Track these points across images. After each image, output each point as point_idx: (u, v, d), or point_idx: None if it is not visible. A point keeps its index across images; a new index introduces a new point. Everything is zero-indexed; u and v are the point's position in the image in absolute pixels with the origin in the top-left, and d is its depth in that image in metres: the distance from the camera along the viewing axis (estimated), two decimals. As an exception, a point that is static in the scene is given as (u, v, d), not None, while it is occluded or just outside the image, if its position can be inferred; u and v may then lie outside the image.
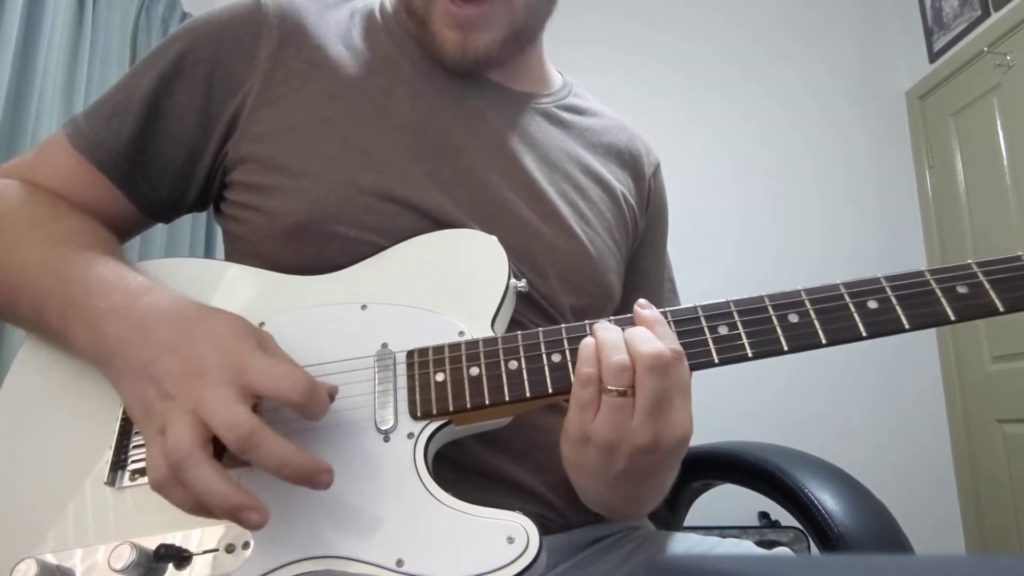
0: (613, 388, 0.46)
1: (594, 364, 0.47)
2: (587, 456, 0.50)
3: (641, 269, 0.79)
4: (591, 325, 0.51)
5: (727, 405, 2.25)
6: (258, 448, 0.42)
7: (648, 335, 0.48)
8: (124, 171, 0.64)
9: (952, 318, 0.48)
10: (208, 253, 2.11)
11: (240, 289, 0.60)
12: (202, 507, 0.43)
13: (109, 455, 0.53)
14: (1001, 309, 0.48)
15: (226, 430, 0.42)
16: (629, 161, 0.79)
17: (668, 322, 0.50)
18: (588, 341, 0.49)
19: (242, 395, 0.44)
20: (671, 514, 0.90)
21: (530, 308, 0.64)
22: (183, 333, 0.48)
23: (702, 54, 2.78)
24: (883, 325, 0.49)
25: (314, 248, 0.60)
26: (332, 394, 0.49)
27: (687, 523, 0.95)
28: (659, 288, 0.81)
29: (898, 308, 0.49)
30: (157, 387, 0.46)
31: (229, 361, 0.46)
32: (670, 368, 0.46)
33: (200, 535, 0.48)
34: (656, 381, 0.46)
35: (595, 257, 0.68)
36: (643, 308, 0.51)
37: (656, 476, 0.52)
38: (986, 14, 2.37)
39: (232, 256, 0.66)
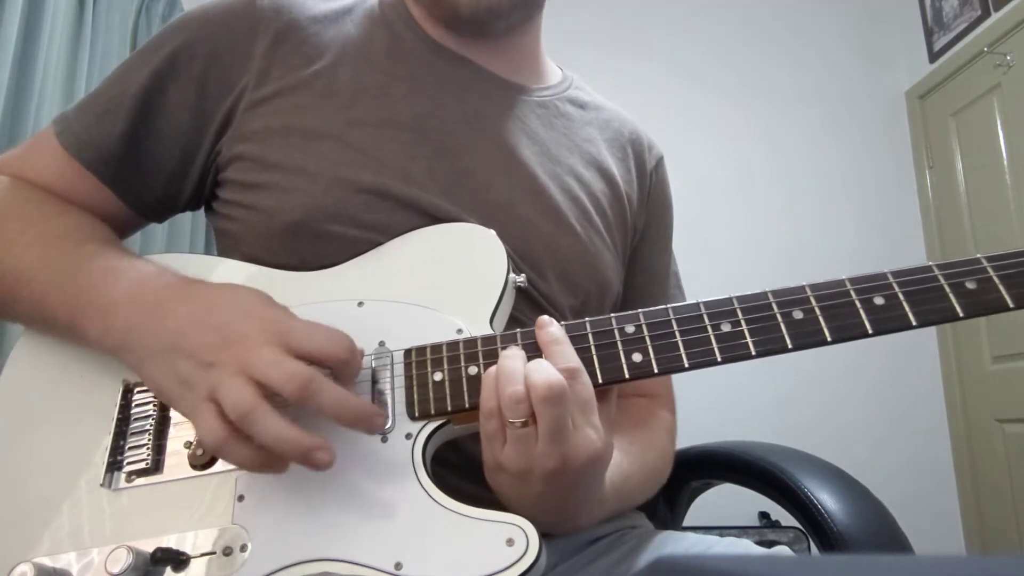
0: (514, 420, 0.45)
1: (494, 398, 0.46)
2: (503, 482, 0.49)
3: (645, 265, 0.78)
4: (591, 323, 0.51)
5: (727, 405, 2.24)
6: (320, 394, 0.44)
7: (541, 364, 0.46)
8: (115, 171, 0.63)
9: (961, 315, 0.46)
10: (208, 251, 2.10)
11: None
12: (264, 459, 0.45)
13: (105, 456, 0.52)
14: (1011, 305, 0.46)
15: (286, 381, 0.44)
16: (632, 155, 0.78)
17: (565, 339, 0.49)
18: (489, 373, 0.48)
19: (288, 353, 0.45)
20: (670, 513, 0.89)
21: (528, 306, 0.63)
22: (208, 307, 0.49)
23: (702, 55, 2.78)
24: (890, 322, 0.47)
25: (311, 247, 0.59)
26: (362, 354, 0.50)
27: (687, 523, 0.95)
28: (664, 284, 0.80)
29: (905, 305, 0.47)
30: (193, 360, 0.47)
31: (265, 325, 0.47)
32: (564, 395, 0.45)
33: (197, 538, 0.48)
34: (551, 410, 0.45)
35: (594, 254, 0.68)
36: (541, 328, 0.50)
37: (575, 493, 0.51)
38: (986, 14, 2.37)
39: (225, 255, 0.65)
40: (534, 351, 0.49)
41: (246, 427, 0.43)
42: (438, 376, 0.51)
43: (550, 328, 0.50)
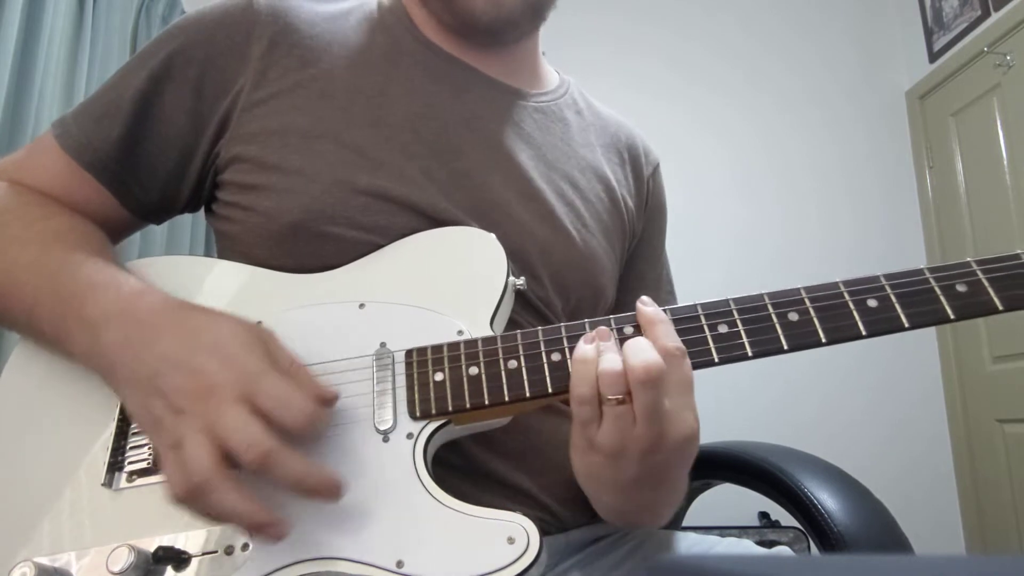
0: (612, 397, 0.46)
1: (588, 383, 0.47)
2: (596, 465, 0.49)
3: (639, 270, 0.79)
4: (592, 324, 0.51)
5: (727, 405, 2.24)
6: (276, 467, 0.44)
7: (643, 345, 0.47)
8: (114, 173, 0.63)
9: (952, 317, 0.48)
10: (208, 252, 2.11)
11: (236, 287, 0.60)
12: (223, 520, 0.45)
13: (106, 456, 0.52)
14: (1000, 308, 0.48)
15: (244, 450, 0.43)
16: (628, 160, 0.78)
17: (669, 320, 0.50)
18: (579, 357, 0.48)
19: (254, 412, 0.45)
20: (670, 513, 0.89)
21: (525, 308, 0.63)
22: (188, 344, 0.48)
23: (701, 55, 2.78)
24: (883, 324, 0.48)
25: (309, 248, 0.60)
26: (332, 401, 0.49)
27: (687, 523, 0.95)
28: (657, 289, 0.80)
29: (898, 307, 0.49)
30: (165, 401, 0.46)
31: (238, 376, 0.46)
32: (660, 378, 0.45)
33: (199, 536, 0.48)
34: (648, 392, 0.45)
35: (588, 259, 0.68)
36: (646, 306, 0.51)
37: (667, 476, 0.52)
38: (986, 14, 2.37)
39: (225, 256, 0.65)
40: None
41: (199, 496, 0.43)
42: (439, 376, 0.51)
43: (655, 307, 0.50)
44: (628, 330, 0.51)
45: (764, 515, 2.32)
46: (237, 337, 0.48)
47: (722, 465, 0.81)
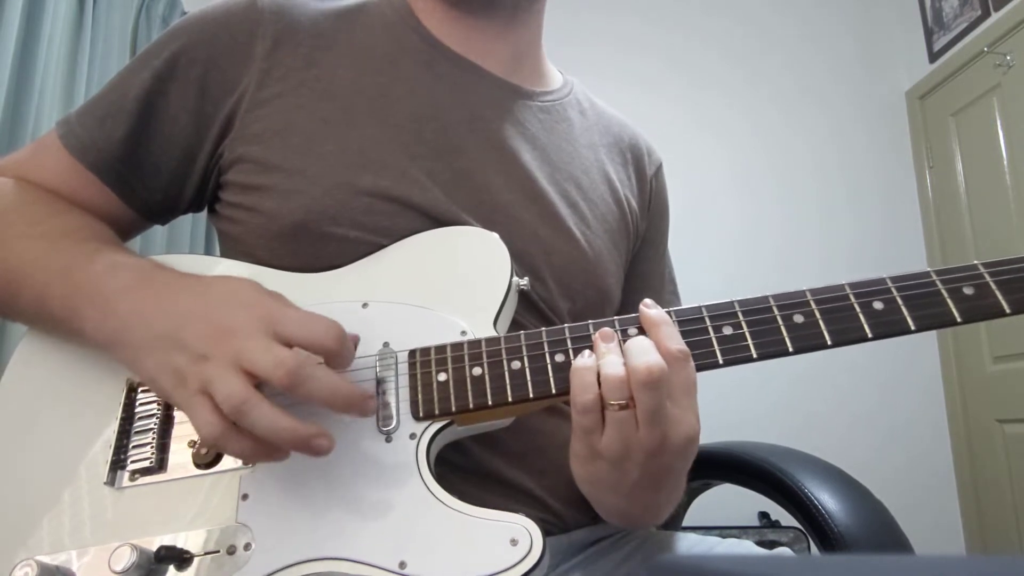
0: (615, 403, 0.46)
1: (590, 390, 0.47)
2: (599, 470, 0.50)
3: (641, 271, 0.78)
4: (595, 325, 0.51)
5: (727, 405, 2.24)
6: (309, 380, 0.44)
7: (645, 346, 0.47)
8: (118, 173, 0.63)
9: (958, 319, 0.48)
10: (208, 252, 2.11)
11: (240, 287, 0.60)
12: (263, 450, 0.45)
13: (108, 455, 0.53)
14: (1008, 310, 0.47)
15: (274, 368, 0.44)
16: (632, 161, 0.78)
17: (672, 322, 0.50)
18: (579, 367, 0.48)
19: (278, 342, 0.45)
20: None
21: (528, 310, 0.63)
22: (204, 299, 0.49)
23: (702, 54, 2.78)
24: (889, 326, 0.48)
25: (312, 248, 0.60)
26: (356, 342, 0.50)
27: (687, 523, 0.95)
28: (660, 290, 0.80)
29: (904, 309, 0.48)
30: (188, 352, 0.47)
31: (258, 314, 0.47)
32: (662, 381, 0.45)
33: (201, 536, 0.48)
34: (651, 396, 0.45)
35: (593, 260, 0.68)
36: (649, 308, 0.51)
37: (669, 478, 0.52)
38: (986, 14, 2.37)
39: (228, 256, 0.65)
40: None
41: (239, 419, 0.44)
42: (442, 377, 0.51)
43: (658, 309, 0.51)
44: (632, 332, 0.51)
45: (764, 515, 2.32)
46: (247, 286, 0.51)
47: (722, 465, 0.81)
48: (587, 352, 0.49)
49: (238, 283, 0.51)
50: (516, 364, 0.51)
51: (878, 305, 0.49)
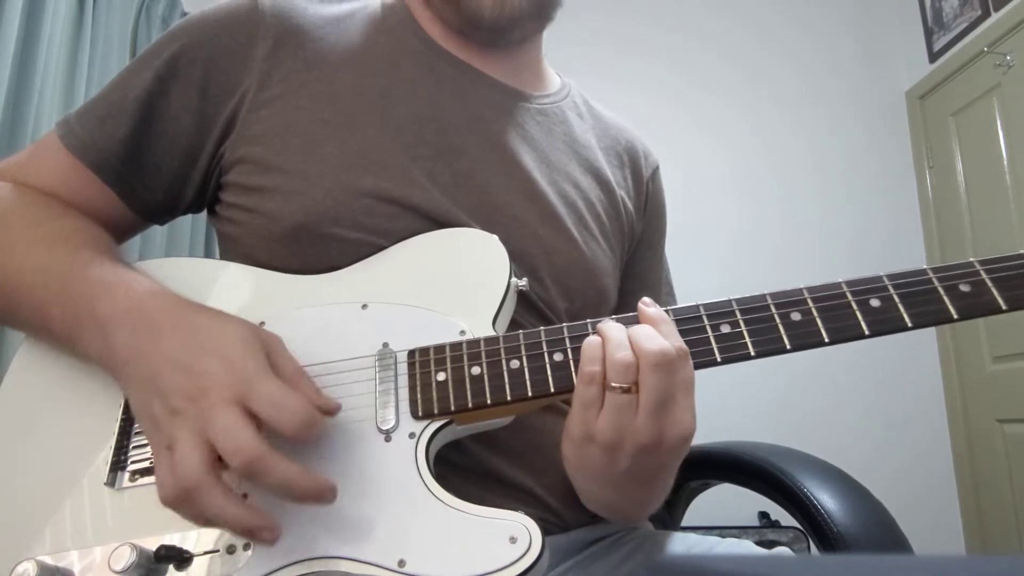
0: (617, 385, 0.46)
1: (598, 362, 0.47)
2: (590, 456, 0.50)
3: (638, 272, 0.79)
4: (594, 325, 0.51)
5: (727, 405, 2.25)
6: (263, 473, 0.43)
7: (652, 332, 0.48)
8: (118, 173, 0.63)
9: (955, 316, 0.48)
10: (208, 253, 2.11)
11: (239, 289, 0.60)
12: (213, 524, 0.45)
13: (108, 455, 0.53)
14: (1004, 307, 0.48)
15: (232, 455, 0.43)
16: (628, 163, 0.78)
17: (671, 320, 0.50)
18: (592, 339, 0.49)
19: (247, 415, 0.44)
20: (668, 514, 0.89)
21: (527, 310, 0.63)
22: (190, 345, 0.48)
23: (701, 55, 2.78)
24: (885, 323, 0.48)
25: (313, 250, 0.60)
26: (334, 412, 0.49)
27: (687, 523, 0.95)
28: (656, 291, 0.80)
29: (900, 306, 0.49)
30: (163, 401, 0.46)
31: (235, 379, 0.46)
32: (674, 366, 0.46)
33: (200, 536, 0.48)
34: (660, 379, 0.46)
35: (591, 261, 0.68)
36: (648, 307, 0.51)
37: (659, 475, 0.52)
38: (986, 14, 2.37)
39: (227, 258, 0.65)
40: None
41: (189, 499, 0.43)
42: (441, 376, 0.51)
43: (657, 308, 0.51)
44: None
45: (764, 515, 2.32)
46: (240, 341, 0.48)
47: (722, 465, 0.81)
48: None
49: (231, 333, 0.49)
50: (515, 363, 0.51)
51: (875, 303, 0.49)
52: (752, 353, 0.49)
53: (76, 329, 0.52)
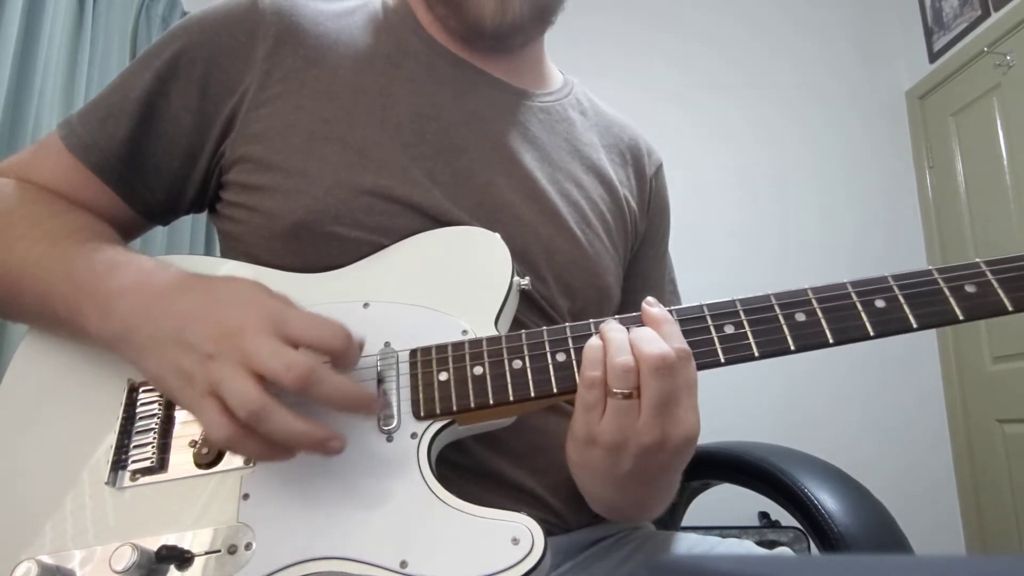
0: (618, 391, 0.46)
1: (599, 366, 0.47)
2: (593, 457, 0.49)
3: (641, 270, 0.79)
4: (596, 324, 0.51)
5: (727, 406, 2.24)
6: (319, 383, 0.44)
7: (653, 336, 0.48)
8: (119, 173, 0.63)
9: (960, 317, 0.48)
10: (208, 252, 2.11)
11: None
12: (274, 451, 0.46)
13: (109, 455, 0.53)
14: (1010, 308, 0.48)
15: (285, 371, 0.43)
16: (631, 161, 0.78)
17: (674, 321, 0.50)
18: (593, 343, 0.49)
19: (286, 343, 0.45)
20: (668, 514, 0.89)
21: (530, 309, 0.63)
22: (208, 298, 0.49)
23: (702, 55, 2.78)
24: (891, 324, 0.48)
25: (313, 248, 0.60)
26: (361, 345, 0.50)
27: (687, 523, 0.95)
28: (660, 290, 0.80)
29: (906, 307, 0.48)
30: (194, 352, 0.46)
31: (264, 314, 0.47)
32: (675, 369, 0.46)
33: (202, 536, 0.48)
34: (660, 383, 0.46)
35: (593, 259, 0.68)
36: (651, 306, 0.51)
37: (663, 477, 0.52)
38: (986, 14, 2.37)
39: (228, 256, 0.65)
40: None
41: (255, 424, 0.44)
42: (443, 376, 0.51)
43: (661, 308, 0.51)
44: None
45: (764, 515, 2.32)
46: (251, 286, 0.50)
47: (722, 465, 0.81)
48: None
49: (242, 283, 0.51)
50: (517, 363, 0.51)
51: (880, 303, 0.49)
52: (756, 354, 0.49)
53: (77, 307, 0.53)
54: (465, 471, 0.57)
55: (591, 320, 0.52)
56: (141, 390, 0.55)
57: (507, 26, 0.66)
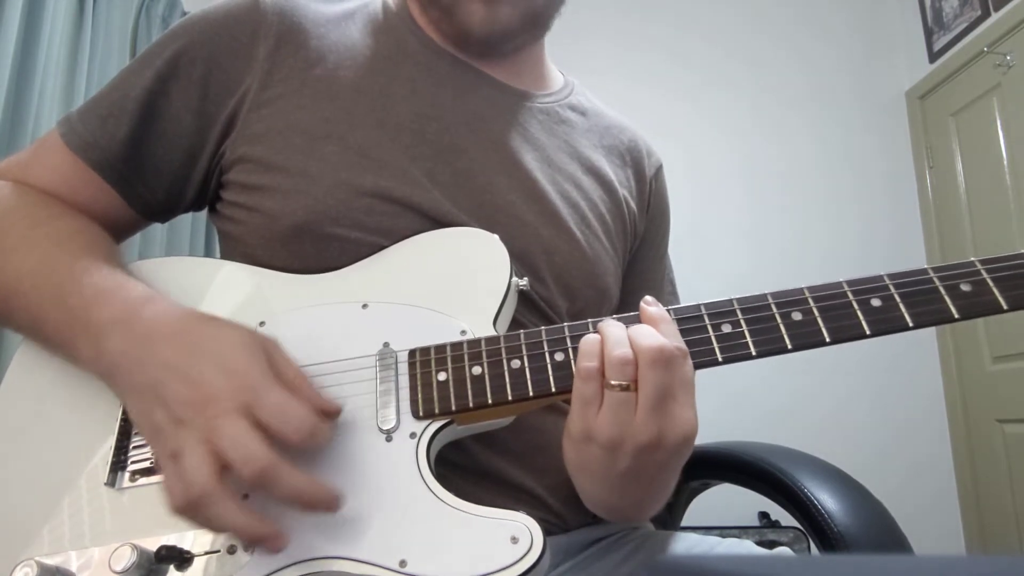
0: (616, 383, 0.46)
1: (595, 358, 0.47)
2: (590, 455, 0.49)
3: (640, 271, 0.79)
4: (594, 324, 0.51)
5: (726, 406, 2.24)
6: (274, 483, 0.43)
7: (651, 331, 0.48)
8: (120, 172, 0.63)
9: (956, 316, 0.48)
10: (208, 252, 2.11)
11: (240, 288, 0.60)
12: (222, 531, 0.45)
13: (109, 455, 0.53)
14: (1005, 307, 0.48)
15: (242, 464, 0.43)
16: (631, 162, 0.78)
17: (672, 320, 0.50)
18: (590, 336, 0.49)
19: (254, 425, 0.44)
20: (668, 514, 0.89)
21: (529, 309, 0.63)
22: (189, 352, 0.48)
23: (705, 53, 2.78)
24: (887, 323, 0.48)
25: (314, 249, 0.60)
26: (335, 415, 0.49)
27: (687, 523, 0.95)
28: (659, 290, 0.80)
29: (902, 306, 0.49)
30: (166, 410, 0.46)
31: (239, 386, 0.45)
32: (673, 363, 0.46)
33: (201, 536, 0.48)
34: (658, 375, 0.46)
35: (592, 260, 0.68)
36: (649, 305, 0.51)
37: (660, 476, 0.52)
38: (986, 14, 2.37)
39: (228, 256, 0.65)
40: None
41: (198, 508, 0.43)
42: (442, 376, 0.51)
43: (659, 307, 0.51)
44: None
45: (764, 515, 2.32)
46: (240, 347, 0.48)
47: (722, 465, 0.81)
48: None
49: (229, 338, 0.48)
50: (516, 363, 0.51)
51: (876, 302, 0.49)
52: (753, 353, 0.49)
53: (70, 337, 0.52)
54: (464, 471, 0.57)
55: (589, 320, 0.52)
56: (141, 390, 0.55)
57: (497, 34, 0.66)
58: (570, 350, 0.51)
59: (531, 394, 0.50)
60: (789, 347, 0.49)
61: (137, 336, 0.49)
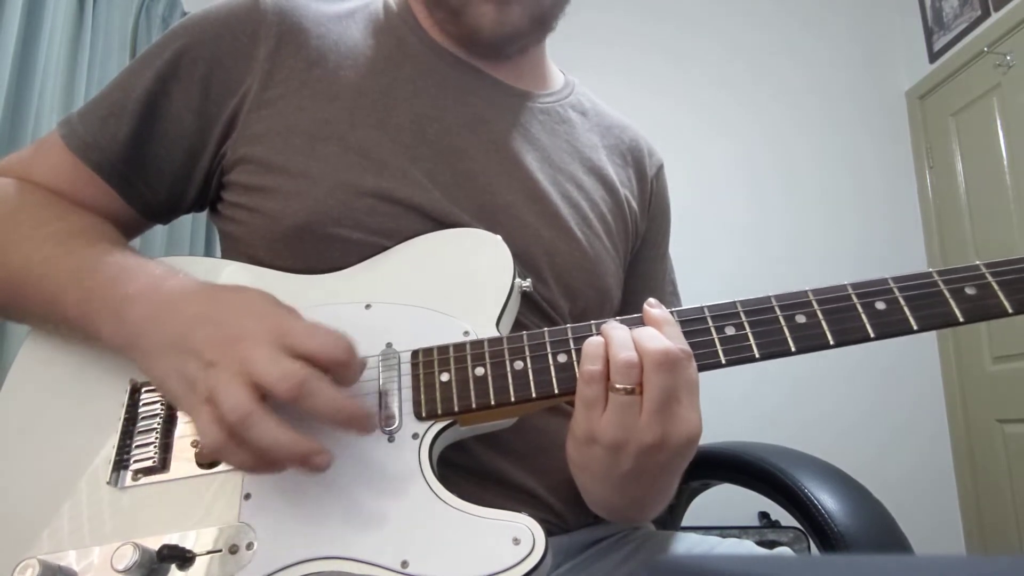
0: (620, 386, 0.46)
1: (599, 361, 0.47)
2: (593, 456, 0.49)
3: (642, 271, 0.79)
4: (598, 326, 0.51)
5: (727, 407, 2.25)
6: (313, 395, 0.44)
7: (656, 333, 0.48)
8: (120, 173, 0.63)
9: (960, 319, 0.48)
10: (208, 252, 2.11)
11: (242, 288, 0.60)
12: (262, 463, 0.45)
13: (111, 454, 0.53)
14: (1010, 310, 0.48)
15: (279, 380, 0.43)
16: (632, 161, 0.78)
17: (676, 322, 0.50)
18: (594, 339, 0.49)
19: (287, 353, 0.45)
20: (669, 514, 0.90)
21: (531, 310, 0.63)
22: (215, 305, 0.49)
23: (705, 54, 2.78)
24: (891, 326, 0.48)
25: (315, 250, 0.60)
26: (363, 365, 0.50)
27: (687, 523, 0.95)
28: (660, 290, 0.80)
29: (906, 309, 0.49)
30: (197, 358, 0.47)
31: (268, 325, 0.47)
32: (678, 366, 0.46)
33: (203, 535, 0.48)
34: (664, 378, 0.46)
35: (594, 260, 0.68)
36: (652, 307, 0.51)
37: (663, 477, 0.52)
38: (986, 14, 2.37)
39: (230, 257, 0.65)
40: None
41: (241, 432, 0.43)
42: (445, 377, 0.51)
43: (662, 309, 0.51)
44: None
45: (764, 515, 2.32)
46: (263, 298, 0.50)
47: (722, 465, 0.81)
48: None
49: (250, 292, 0.51)
50: (519, 364, 0.51)
51: (880, 305, 0.49)
52: (756, 355, 0.49)
53: (88, 313, 0.53)
54: (466, 471, 0.57)
55: (592, 321, 0.52)
56: (143, 391, 0.55)
57: (506, 36, 0.66)
58: (573, 352, 0.51)
59: (534, 395, 0.50)
60: (793, 349, 0.49)
61: (161, 300, 0.51)
